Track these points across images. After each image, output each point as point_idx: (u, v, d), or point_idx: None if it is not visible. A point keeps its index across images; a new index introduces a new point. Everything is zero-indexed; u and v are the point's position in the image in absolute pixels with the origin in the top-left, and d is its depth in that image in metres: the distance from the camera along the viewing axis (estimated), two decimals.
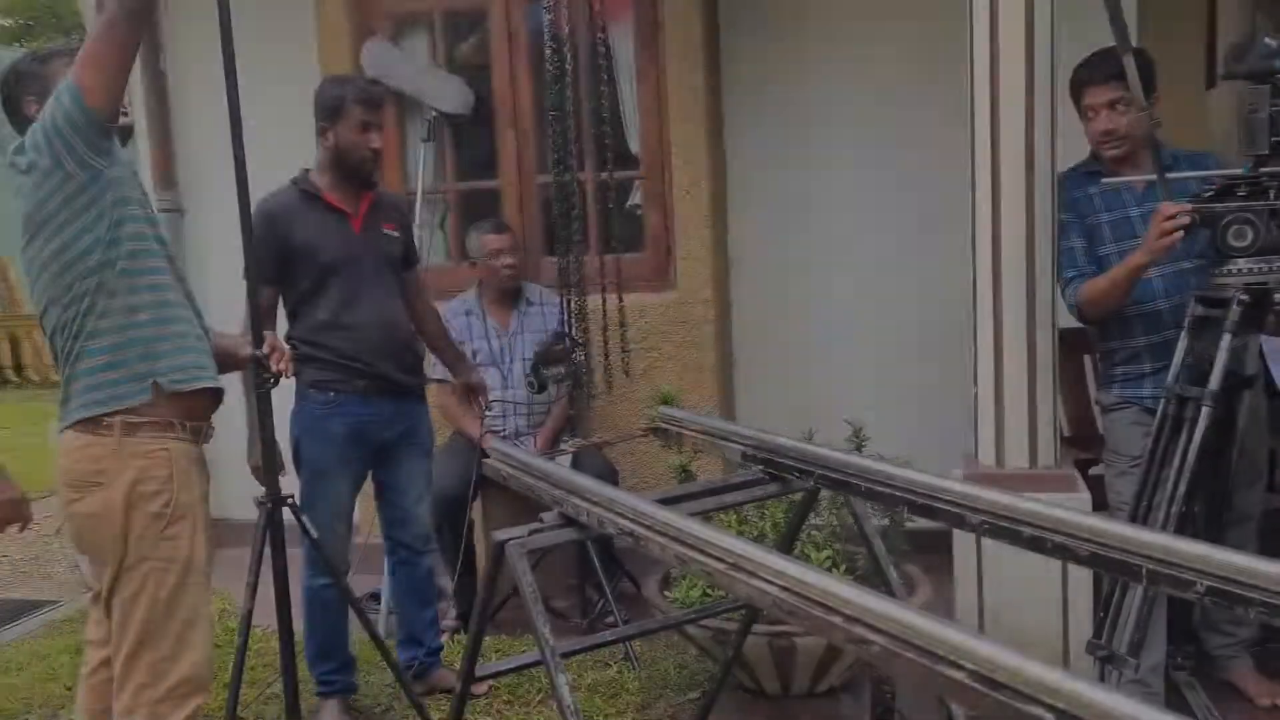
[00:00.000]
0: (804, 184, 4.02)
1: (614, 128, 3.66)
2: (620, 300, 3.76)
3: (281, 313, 2.91)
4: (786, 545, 2.18)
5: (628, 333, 3.88)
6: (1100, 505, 2.93)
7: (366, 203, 2.92)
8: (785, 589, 1.30)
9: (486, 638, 3.49)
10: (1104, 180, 2.78)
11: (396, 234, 2.98)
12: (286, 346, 2.45)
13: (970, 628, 1.09)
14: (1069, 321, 2.89)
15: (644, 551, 1.59)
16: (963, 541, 2.83)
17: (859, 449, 2.95)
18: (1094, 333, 2.91)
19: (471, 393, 3.17)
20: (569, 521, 1.74)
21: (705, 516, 2.96)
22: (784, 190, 4.04)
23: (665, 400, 3.03)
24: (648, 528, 1.54)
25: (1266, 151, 2.31)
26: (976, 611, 2.87)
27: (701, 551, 1.44)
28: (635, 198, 3.98)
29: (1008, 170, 2.76)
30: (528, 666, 1.96)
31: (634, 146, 3.86)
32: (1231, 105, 3.66)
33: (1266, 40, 2.34)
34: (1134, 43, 3.18)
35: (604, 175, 3.78)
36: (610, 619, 3.41)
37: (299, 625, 2.56)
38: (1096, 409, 2.99)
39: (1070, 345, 3.38)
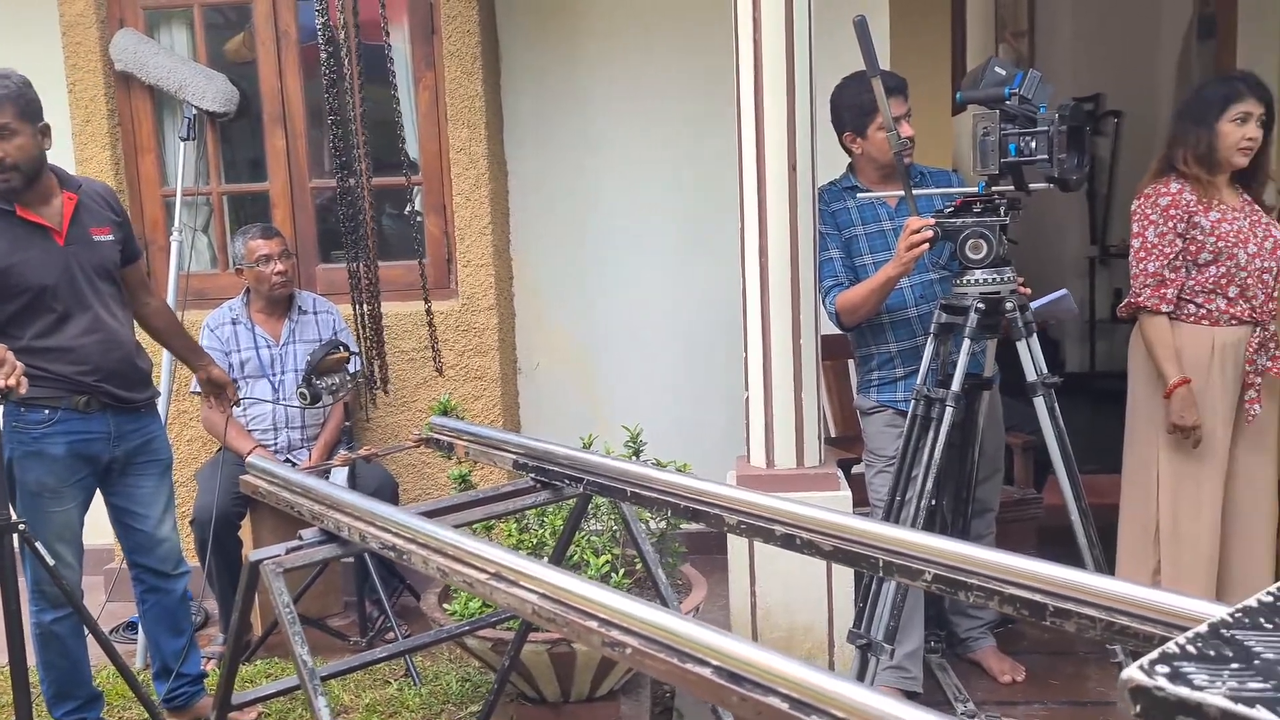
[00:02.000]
0: (586, 189, 4.06)
1: (391, 132, 3.57)
2: (378, 309, 3.61)
3: None
4: (561, 552, 2.19)
5: (407, 341, 3.80)
6: (862, 502, 3.10)
7: (69, 209, 2.63)
8: (544, 596, 1.30)
9: (259, 661, 3.33)
10: (859, 195, 2.95)
11: (109, 237, 2.71)
12: (17, 361, 2.25)
13: (715, 626, 1.13)
14: (834, 328, 3.05)
15: (408, 565, 1.56)
16: (736, 542, 2.94)
17: (637, 454, 3.00)
18: (852, 339, 3.08)
19: (215, 388, 2.99)
20: (330, 538, 1.68)
21: (487, 526, 2.96)
22: (566, 196, 4.07)
23: (444, 410, 2.98)
24: (410, 540, 1.51)
25: (997, 171, 2.51)
26: (750, 609, 2.99)
27: (462, 562, 1.42)
28: (416, 204, 3.90)
29: (772, 185, 2.89)
30: (287, 691, 1.88)
31: (412, 151, 3.78)
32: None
33: (997, 68, 2.55)
34: (887, 68, 3.40)
35: (381, 180, 3.68)
36: (391, 635, 3.33)
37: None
38: (858, 411, 3.16)
39: (836, 350, 3.57)
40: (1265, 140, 2.78)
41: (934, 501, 2.68)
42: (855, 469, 3.38)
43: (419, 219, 3.77)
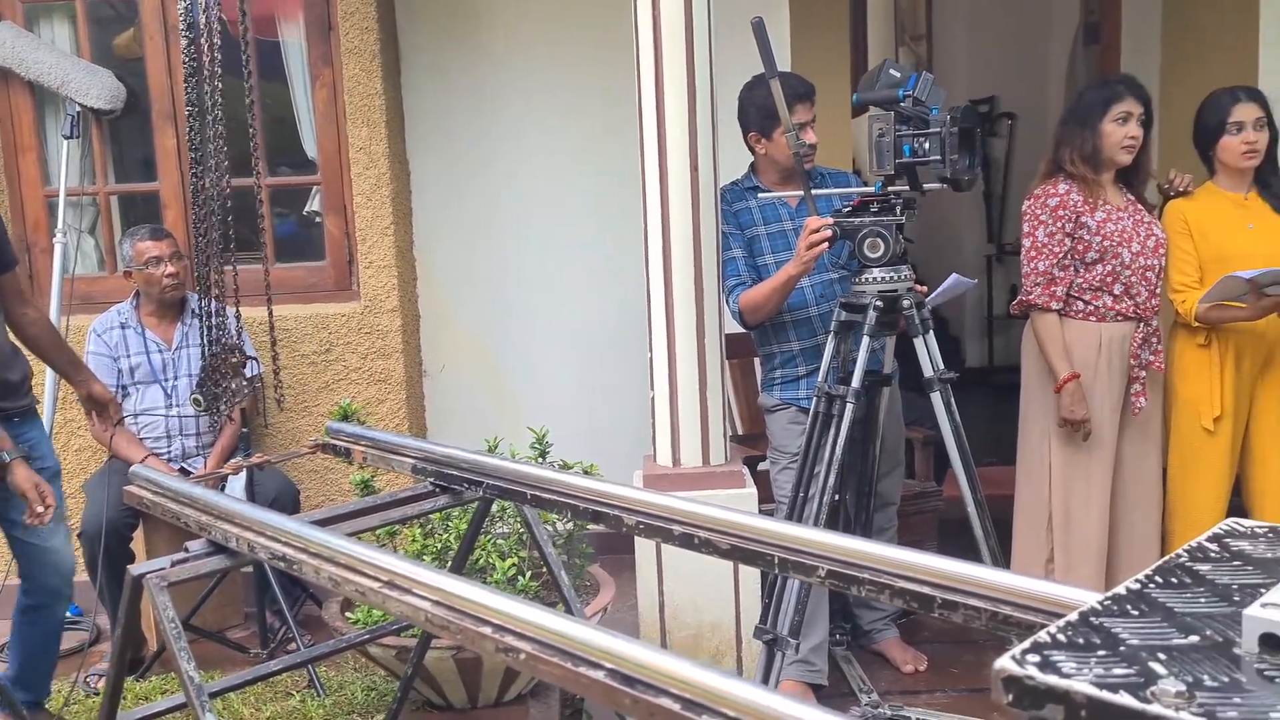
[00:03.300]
0: (492, 189, 4.02)
1: (288, 130, 3.48)
2: (270, 312, 3.51)
3: None
4: (463, 556, 2.16)
5: (308, 344, 3.72)
6: (768, 499, 3.13)
7: None
8: (437, 603, 1.28)
9: (155, 678, 3.22)
10: (760, 195, 2.98)
11: None
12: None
13: (607, 629, 1.12)
14: (739, 327, 3.06)
15: (299, 575, 1.52)
16: (643, 542, 2.93)
17: (543, 455, 2.98)
18: (755, 338, 3.11)
19: (96, 405, 2.87)
20: (218, 549, 1.63)
21: (390, 532, 2.91)
22: (471, 196, 4.02)
23: (345, 415, 2.92)
24: (300, 550, 1.47)
25: (893, 172, 2.56)
26: (658, 608, 2.99)
27: (354, 571, 1.39)
28: (314, 204, 3.82)
29: (674, 185, 2.90)
30: (175, 709, 1.82)
31: (310, 151, 3.70)
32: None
33: (891, 71, 2.60)
34: (788, 70, 3.44)
35: (277, 180, 3.59)
36: (293, 645, 3.25)
37: None
38: (762, 409, 3.19)
39: (741, 348, 3.60)
40: (1145, 139, 2.89)
41: (837, 497, 2.72)
42: (761, 466, 3.41)
43: (318, 219, 3.69)
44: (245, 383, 3.14)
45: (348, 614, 2.72)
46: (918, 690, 3.02)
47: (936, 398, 2.61)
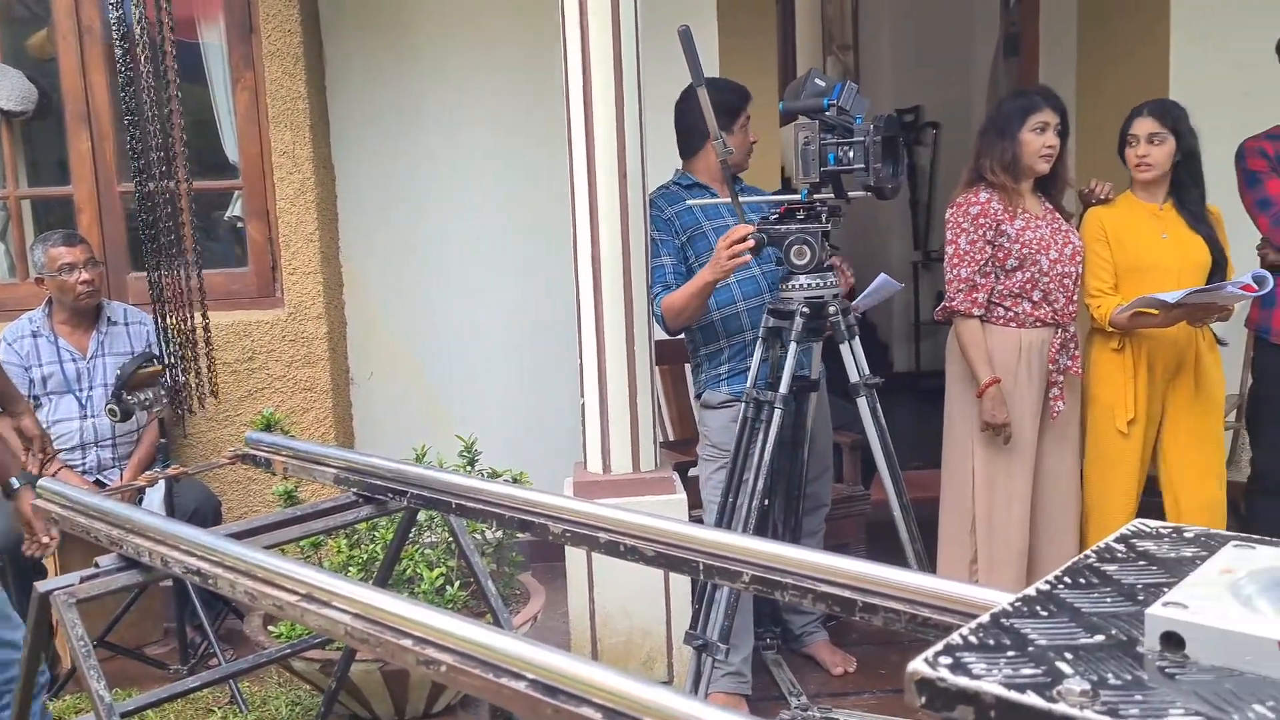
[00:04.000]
0: (421, 194, 3.98)
1: (208, 133, 3.41)
2: (205, 318, 3.44)
3: None
4: (388, 567, 2.12)
5: (230, 352, 3.63)
6: (697, 504, 3.14)
7: None
8: (357, 616, 1.25)
9: (70, 697, 3.11)
10: (689, 202, 2.98)
11: None
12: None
13: (529, 639, 1.11)
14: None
15: (214, 589, 1.48)
16: (574, 549, 2.92)
17: (472, 464, 2.95)
18: (688, 340, 3.10)
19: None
20: (130, 563, 1.58)
21: (315, 544, 2.86)
22: (400, 201, 3.97)
23: (267, 424, 2.86)
24: (215, 564, 1.44)
25: (818, 180, 2.58)
26: (589, 615, 2.98)
27: (271, 584, 1.35)
28: (235, 208, 3.74)
29: (603, 191, 2.89)
30: None
31: (232, 155, 3.62)
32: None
33: (816, 80, 2.62)
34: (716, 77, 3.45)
35: (199, 184, 3.51)
36: (215, 661, 3.17)
37: None
38: (698, 409, 3.17)
39: (672, 354, 3.61)
40: (1062, 149, 2.96)
41: (766, 502, 2.74)
42: (692, 472, 3.42)
43: (240, 225, 3.61)
44: (164, 392, 3.06)
45: (270, 628, 2.66)
46: (846, 692, 3.05)
47: (863, 403, 2.64)
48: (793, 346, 2.62)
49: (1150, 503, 3.11)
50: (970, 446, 3.00)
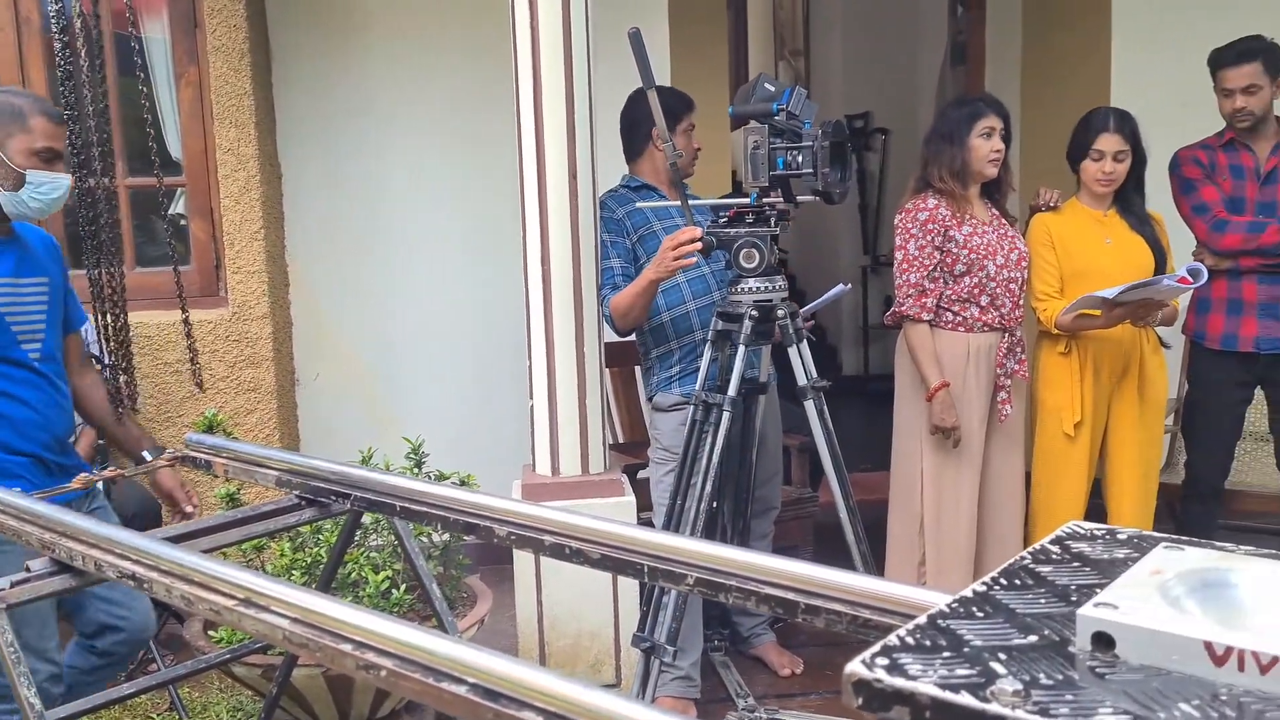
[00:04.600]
0: (368, 193, 3.94)
1: (150, 129, 3.34)
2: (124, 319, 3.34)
3: None
4: (331, 571, 2.09)
5: (172, 352, 3.56)
6: (646, 507, 3.14)
7: None
8: (296, 620, 1.23)
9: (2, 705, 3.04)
10: (638, 204, 2.99)
11: None
12: None
13: (470, 643, 1.10)
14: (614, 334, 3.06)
15: (151, 594, 1.45)
16: (522, 552, 2.90)
17: (419, 466, 2.92)
18: (640, 342, 3.10)
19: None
20: (63, 568, 1.54)
21: (258, 547, 2.81)
22: (348, 200, 3.93)
23: (209, 426, 2.81)
24: (150, 568, 1.40)
25: (767, 184, 2.60)
26: (536, 618, 2.97)
27: (208, 589, 1.33)
28: (178, 206, 3.67)
29: (553, 193, 2.88)
30: None
31: (175, 151, 3.56)
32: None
33: (766, 85, 2.64)
34: (667, 83, 3.47)
35: (138, 180, 3.44)
36: (154, 666, 3.11)
37: None
38: (649, 411, 3.17)
39: (622, 356, 3.60)
40: (1005, 155, 3.01)
41: (714, 504, 2.74)
42: (642, 474, 3.42)
43: (183, 222, 3.55)
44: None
45: (211, 632, 2.61)
46: (793, 693, 3.07)
47: (810, 406, 2.66)
48: (741, 350, 2.63)
49: (1096, 504, 3.16)
50: (919, 449, 3.03)
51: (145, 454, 2.39)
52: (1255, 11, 3.82)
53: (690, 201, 2.72)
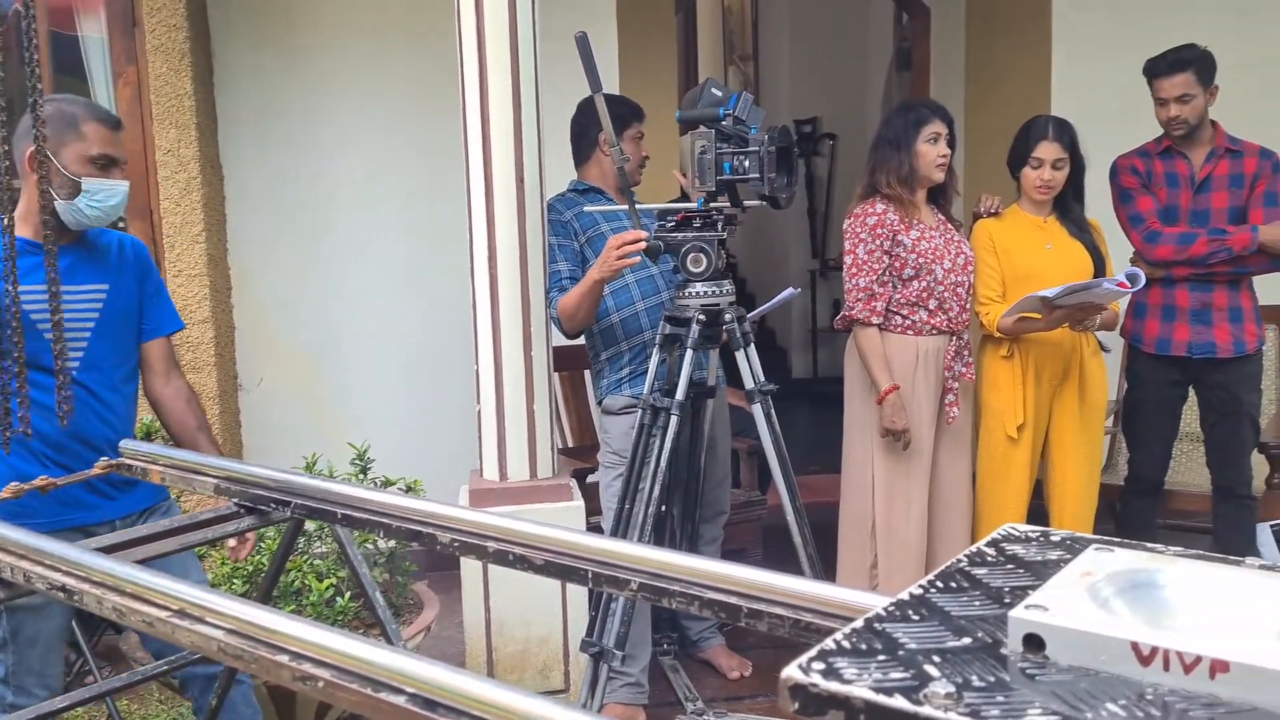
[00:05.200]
0: (312, 196, 3.89)
1: None
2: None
3: None
4: (272, 579, 2.06)
5: None
6: (595, 511, 3.13)
7: None
8: (231, 631, 1.21)
9: None
10: (586, 207, 2.98)
11: None
12: None
13: (409, 652, 1.08)
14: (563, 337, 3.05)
15: (82, 606, 1.41)
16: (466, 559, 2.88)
17: (364, 472, 2.89)
18: (589, 345, 3.10)
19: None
20: None
21: (199, 557, 2.75)
22: (293, 204, 3.87)
23: (148, 433, 2.76)
24: (81, 579, 1.37)
25: (714, 188, 2.60)
26: (484, 624, 2.95)
27: (141, 600, 1.30)
28: None
29: (500, 197, 2.87)
30: None
31: None
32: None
33: (713, 89, 2.65)
34: (616, 88, 3.46)
35: None
36: (91, 679, 3.03)
37: None
38: (599, 414, 3.16)
39: (571, 360, 3.59)
40: (950, 159, 3.05)
41: (664, 508, 2.75)
42: (591, 478, 3.41)
43: (120, 224, 3.47)
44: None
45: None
46: (741, 696, 3.07)
47: (757, 409, 2.67)
48: (689, 354, 2.63)
49: (1038, 505, 3.21)
50: (870, 452, 3.05)
51: None
52: (1191, 20, 3.92)
53: (638, 206, 2.73)
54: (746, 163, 2.55)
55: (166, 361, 2.46)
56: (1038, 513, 3.17)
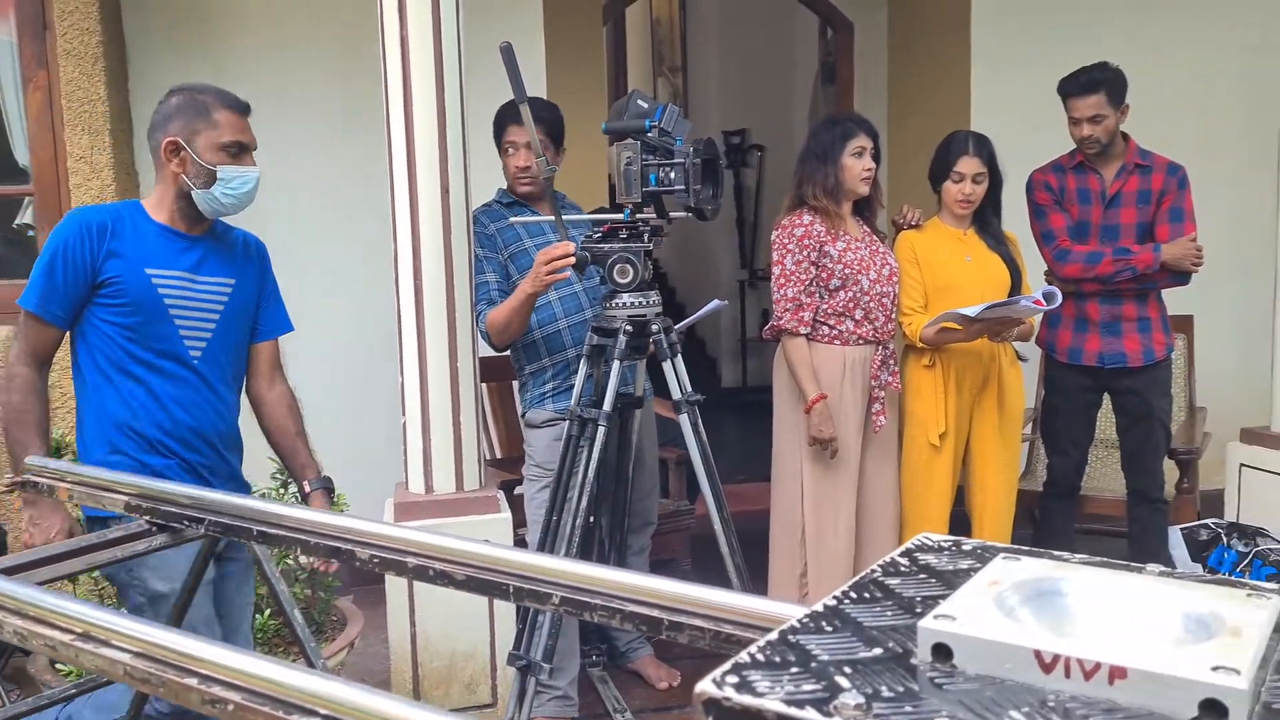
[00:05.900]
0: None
1: None
2: None
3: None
4: (187, 598, 2.00)
5: None
6: (523, 523, 3.11)
7: None
8: (138, 654, 1.17)
9: None
10: (511, 220, 2.96)
11: None
12: None
13: (320, 672, 1.06)
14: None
15: None
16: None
17: (284, 487, 2.83)
18: (513, 358, 3.08)
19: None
20: None
21: (109, 576, 2.67)
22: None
23: (57, 449, 2.67)
24: None
25: (640, 200, 2.61)
26: (410, 639, 2.90)
27: (44, 623, 1.25)
28: (26, 216, 3.48)
29: (425, 208, 2.84)
30: None
31: (22, 159, 3.37)
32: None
33: (639, 101, 2.65)
34: (544, 97, 3.45)
35: None
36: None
37: None
38: (523, 427, 3.14)
39: (498, 371, 3.57)
40: (875, 172, 3.10)
41: (591, 519, 2.74)
42: (518, 490, 3.39)
43: (30, 233, 3.37)
44: None
45: (58, 665, 2.48)
46: (670, 706, 3.08)
47: (684, 419, 2.68)
48: (616, 365, 2.63)
49: (960, 512, 3.27)
50: (799, 461, 3.07)
51: (305, 483, 2.29)
52: (1105, 37, 4.04)
53: (564, 217, 2.72)
54: (672, 174, 2.56)
55: (273, 364, 2.42)
56: (960, 519, 3.23)
